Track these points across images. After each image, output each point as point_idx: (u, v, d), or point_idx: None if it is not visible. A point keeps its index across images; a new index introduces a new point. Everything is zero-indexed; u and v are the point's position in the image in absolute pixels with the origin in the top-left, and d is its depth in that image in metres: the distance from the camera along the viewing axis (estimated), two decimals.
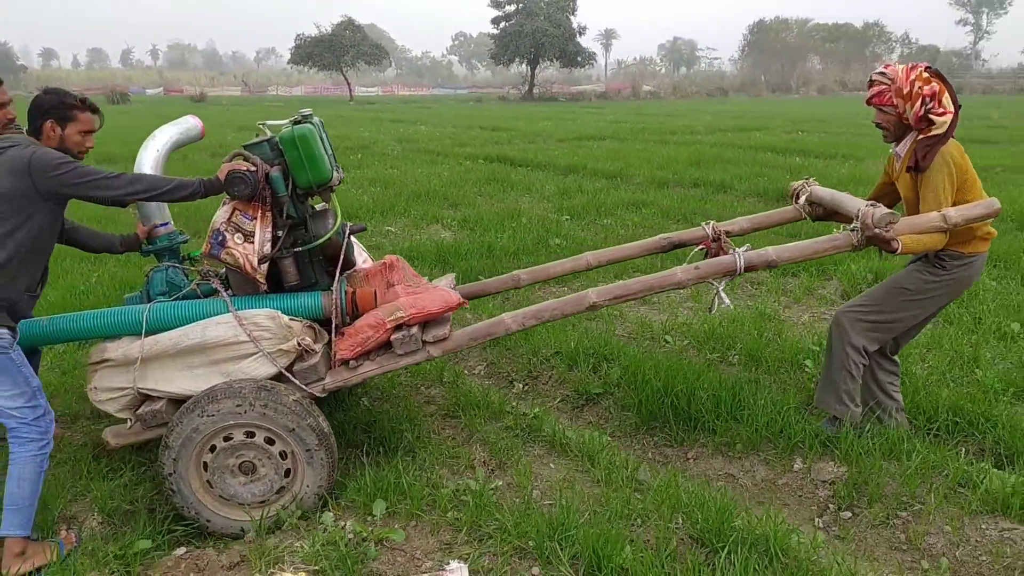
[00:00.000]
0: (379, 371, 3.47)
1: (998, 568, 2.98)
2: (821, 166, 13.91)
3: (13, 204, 2.97)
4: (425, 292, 3.67)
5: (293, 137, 3.41)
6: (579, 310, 3.54)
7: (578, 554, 2.99)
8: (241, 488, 3.30)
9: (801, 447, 3.80)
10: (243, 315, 3.36)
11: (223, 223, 3.41)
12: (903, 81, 3.52)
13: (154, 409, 3.31)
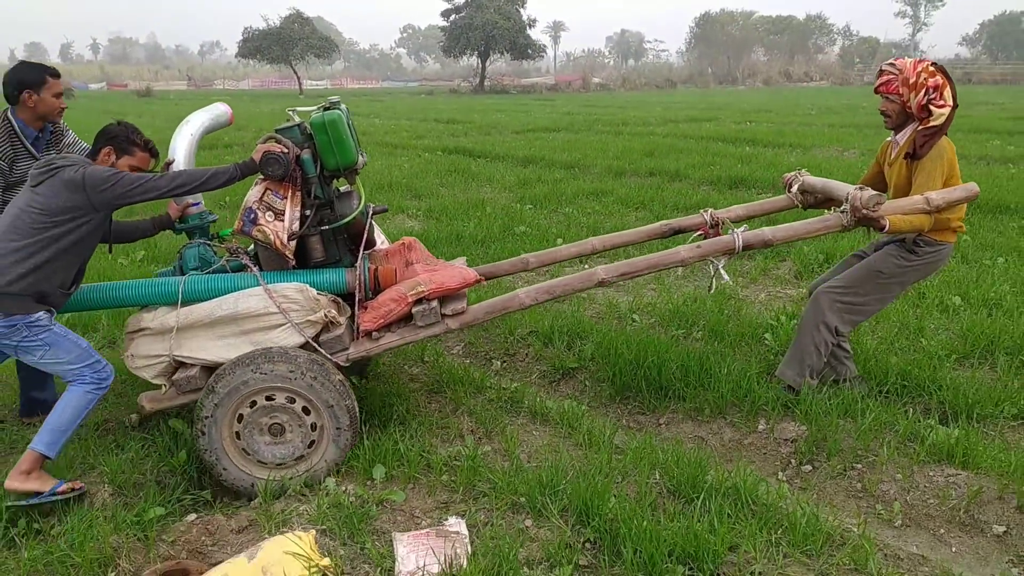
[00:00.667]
0: (400, 342, 3.70)
1: (944, 509, 3.32)
2: (770, 155, 14.37)
3: (66, 214, 3.30)
4: (443, 269, 3.92)
5: (323, 122, 3.66)
6: (589, 286, 3.82)
7: (567, 506, 3.25)
8: (265, 447, 3.52)
9: (765, 410, 4.11)
10: (273, 288, 3.58)
11: (255, 202, 3.64)
12: (910, 72, 3.84)
13: (189, 375, 3.53)
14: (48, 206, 3.27)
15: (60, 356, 3.38)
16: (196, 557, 3.13)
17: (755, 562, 2.91)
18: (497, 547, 2.95)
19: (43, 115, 3.87)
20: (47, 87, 3.79)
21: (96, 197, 3.31)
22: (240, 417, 3.48)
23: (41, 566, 3.01)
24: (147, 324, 3.59)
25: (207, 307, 3.56)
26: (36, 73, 3.78)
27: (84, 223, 3.35)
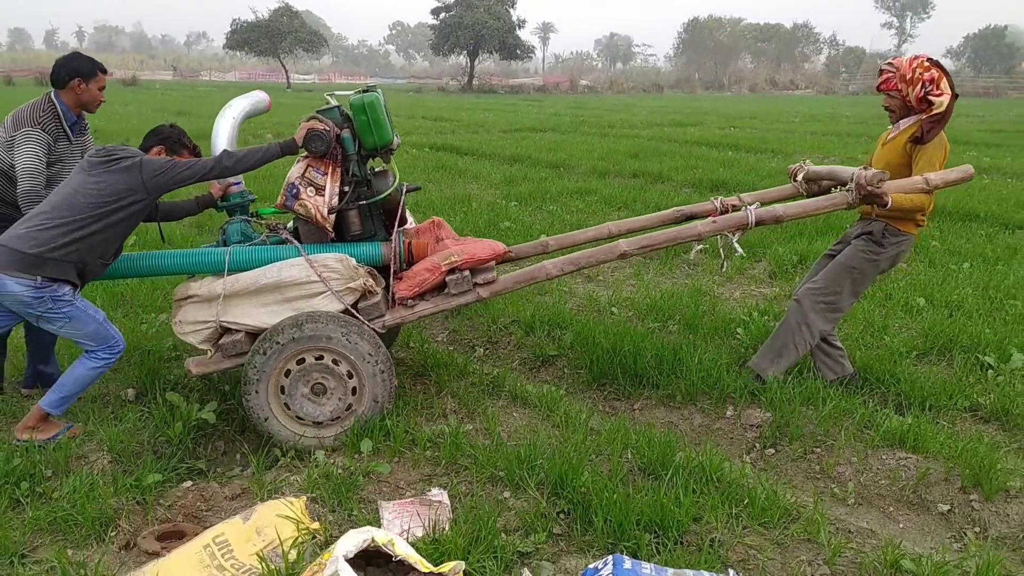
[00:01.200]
0: (433, 310, 3.99)
1: (894, 489, 3.56)
2: (752, 160, 14.65)
3: (120, 197, 3.63)
4: (473, 242, 4.19)
5: (363, 104, 3.93)
6: (611, 258, 4.10)
7: (543, 480, 3.46)
8: (302, 398, 3.81)
9: (733, 397, 4.34)
10: (314, 258, 3.83)
11: (297, 178, 3.90)
12: (906, 68, 4.16)
13: (234, 340, 3.78)
14: (103, 189, 3.57)
15: (78, 328, 3.70)
16: (191, 520, 3.33)
17: (716, 531, 3.14)
18: (477, 515, 3.15)
19: (85, 104, 4.20)
20: (95, 80, 4.16)
21: (151, 182, 3.66)
22: (287, 373, 3.75)
23: (46, 524, 3.20)
24: (195, 292, 3.84)
25: (252, 276, 3.82)
26: (89, 65, 4.15)
27: (134, 204, 3.67)
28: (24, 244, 3.52)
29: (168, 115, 24.18)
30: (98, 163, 3.66)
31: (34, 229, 3.55)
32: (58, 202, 3.61)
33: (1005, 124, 25.53)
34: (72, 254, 3.57)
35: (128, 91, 43.29)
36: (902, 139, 4.24)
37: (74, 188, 3.63)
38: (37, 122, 4.01)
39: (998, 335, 5.20)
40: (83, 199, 3.58)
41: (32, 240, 3.53)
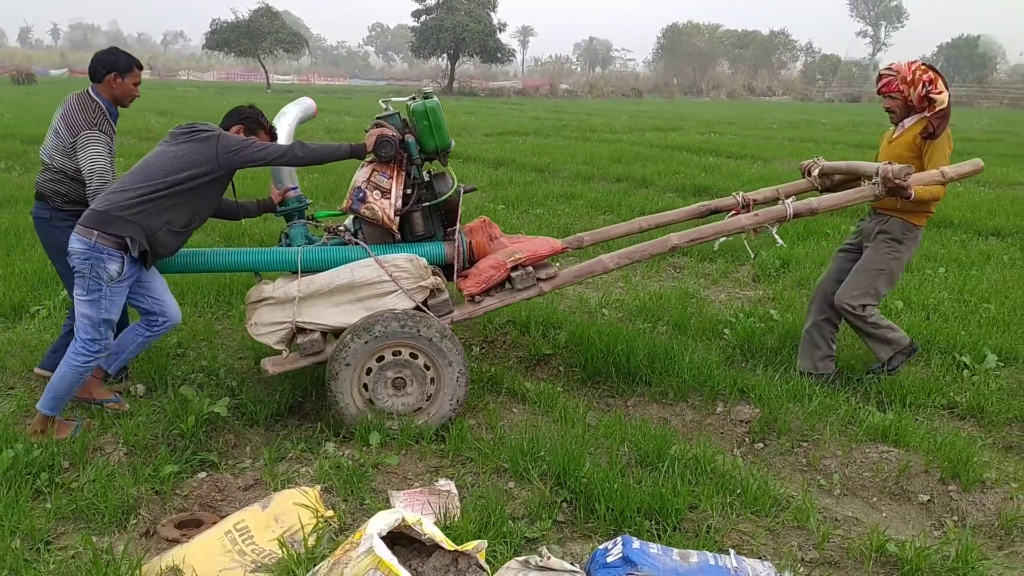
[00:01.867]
0: (498, 304, 4.20)
1: (877, 480, 3.76)
2: (732, 166, 14.91)
3: (192, 166, 3.76)
4: (529, 240, 4.42)
5: (425, 109, 4.12)
6: (664, 251, 4.35)
7: (546, 471, 3.63)
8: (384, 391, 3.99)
9: (723, 394, 4.53)
10: (384, 258, 4.00)
11: (363, 182, 4.08)
12: (906, 71, 4.51)
13: (311, 339, 3.95)
14: (179, 157, 3.74)
15: (88, 307, 3.73)
16: (207, 510, 3.46)
17: (711, 518, 3.32)
18: (485, 504, 3.32)
19: (119, 98, 4.34)
20: (131, 75, 4.31)
21: (224, 156, 3.80)
22: (369, 371, 3.93)
23: (68, 513, 3.32)
24: (270, 294, 4.00)
25: (326, 277, 3.98)
26: (125, 60, 4.29)
27: (205, 175, 3.79)
28: (98, 204, 3.72)
29: (149, 114, 24.12)
30: (179, 134, 3.86)
31: (111, 192, 3.75)
32: (137, 169, 3.80)
33: (976, 133, 26.05)
34: (138, 215, 3.68)
35: None
36: (911, 136, 4.54)
37: (152, 158, 3.82)
38: (93, 124, 4.16)
39: (973, 337, 5.43)
40: (157, 166, 3.76)
41: (106, 200, 3.71)
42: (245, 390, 4.42)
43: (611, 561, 2.57)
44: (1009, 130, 28.58)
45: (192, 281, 6.17)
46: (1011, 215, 9.91)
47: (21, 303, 5.70)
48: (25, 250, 7.02)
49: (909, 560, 3.05)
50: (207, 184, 3.84)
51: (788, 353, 5.13)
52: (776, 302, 6.39)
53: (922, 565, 3.03)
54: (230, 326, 5.58)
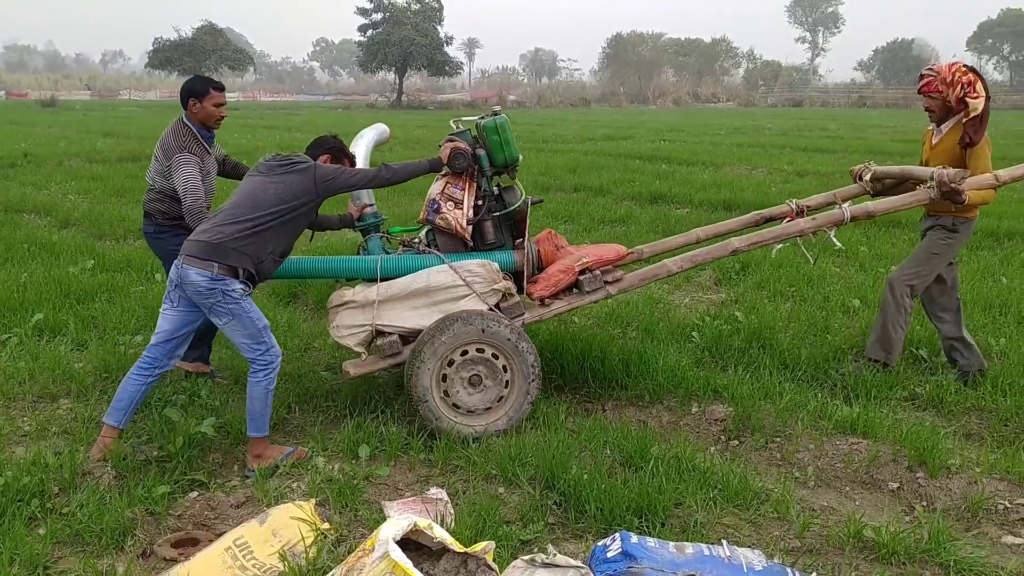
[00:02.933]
0: (567, 307, 4.44)
1: (849, 471, 3.94)
2: (685, 172, 15.20)
3: (295, 198, 3.93)
4: (595, 247, 4.72)
5: (495, 124, 4.38)
6: (725, 254, 4.57)
7: (534, 475, 3.74)
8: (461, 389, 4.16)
9: (697, 395, 4.69)
10: (458, 265, 4.20)
11: (438, 194, 4.28)
12: (947, 72, 4.67)
13: (391, 341, 4.15)
14: (281, 190, 3.92)
15: (238, 328, 3.87)
16: (202, 528, 3.50)
17: (696, 514, 3.45)
18: (478, 509, 3.41)
19: (203, 120, 4.60)
20: (208, 97, 4.55)
21: (322, 185, 3.98)
22: (450, 365, 4.10)
23: (65, 537, 3.34)
24: (351, 298, 4.18)
25: (403, 282, 4.17)
26: (201, 85, 4.56)
27: (304, 205, 3.98)
28: (209, 236, 3.82)
29: (95, 136, 23.80)
30: (276, 166, 4.00)
31: (219, 224, 3.85)
32: (240, 202, 3.91)
33: (916, 133, 26.79)
34: (249, 247, 3.81)
35: (47, 113, 42.19)
36: (950, 143, 4.75)
37: (253, 189, 3.95)
38: (184, 147, 4.46)
39: (928, 331, 5.67)
40: (263, 198, 3.89)
41: (217, 232, 3.81)
42: (229, 409, 4.45)
43: (611, 556, 2.69)
44: None
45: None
46: None
47: None
48: None
49: (885, 544, 3.22)
50: (305, 212, 4.02)
51: (756, 352, 5.31)
52: (739, 304, 6.59)
53: (897, 548, 3.20)
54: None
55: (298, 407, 4.57)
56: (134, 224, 9.57)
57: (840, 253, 8.13)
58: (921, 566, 3.16)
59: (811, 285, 6.93)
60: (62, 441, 4.17)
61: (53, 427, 4.33)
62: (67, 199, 11.73)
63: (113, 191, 12.50)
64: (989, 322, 5.97)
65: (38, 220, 10.23)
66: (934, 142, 4.91)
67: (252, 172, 4.12)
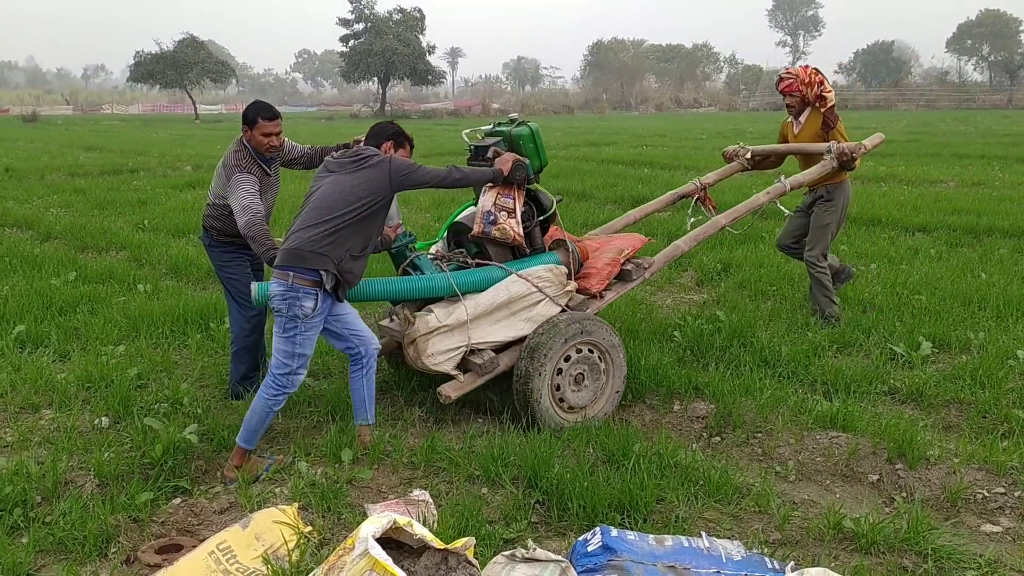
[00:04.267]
0: (615, 297, 4.77)
1: (829, 464, 3.97)
2: (668, 176, 15.30)
3: (371, 193, 3.88)
4: (616, 239, 5.09)
5: (531, 132, 4.50)
6: (716, 231, 5.22)
7: (517, 475, 3.76)
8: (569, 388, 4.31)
9: (679, 393, 4.72)
10: (527, 273, 4.26)
11: (492, 205, 4.32)
12: (804, 75, 5.84)
13: (490, 357, 4.22)
14: (357, 187, 3.88)
15: (285, 342, 3.86)
16: (185, 534, 3.50)
17: (678, 508, 3.48)
18: (461, 510, 3.42)
19: (255, 147, 4.54)
20: (258, 127, 4.47)
21: (396, 179, 3.93)
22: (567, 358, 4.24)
23: (48, 545, 3.33)
24: (443, 322, 4.16)
25: (488, 298, 4.21)
26: (252, 114, 4.50)
27: (379, 201, 3.93)
28: (289, 243, 3.84)
29: (77, 150, 23.70)
30: (348, 163, 3.97)
31: (295, 231, 3.86)
32: (315, 206, 3.89)
33: (896, 134, 27.07)
34: (327, 247, 3.79)
35: (29, 128, 41.92)
36: (813, 128, 5.90)
37: (327, 191, 3.92)
38: (242, 168, 4.44)
39: (907, 326, 5.73)
40: (339, 198, 3.86)
41: (295, 239, 3.82)
42: (211, 417, 4.45)
43: (592, 550, 2.70)
44: (927, 131, 29.80)
45: (146, 314, 6.16)
46: (935, 211, 10.39)
47: None
48: None
49: (864, 534, 3.25)
50: (382, 207, 3.97)
51: (737, 350, 5.35)
52: (721, 304, 6.63)
53: (876, 538, 3.23)
54: (188, 356, 5.59)
55: (281, 413, 4.56)
56: (116, 236, 9.57)
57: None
58: (900, 555, 3.19)
59: (792, 284, 6.99)
60: (44, 451, 4.15)
61: (35, 437, 4.31)
62: (49, 212, 11.68)
63: (95, 204, 12.46)
64: (968, 316, 6.04)
65: (20, 234, 10.18)
66: (797, 131, 6.03)
67: (322, 172, 4.08)
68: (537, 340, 4.17)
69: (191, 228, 10.15)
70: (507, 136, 4.59)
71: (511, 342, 4.32)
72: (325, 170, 4.06)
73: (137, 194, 13.43)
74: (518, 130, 4.54)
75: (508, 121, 4.70)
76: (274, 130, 4.50)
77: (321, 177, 4.05)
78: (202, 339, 5.81)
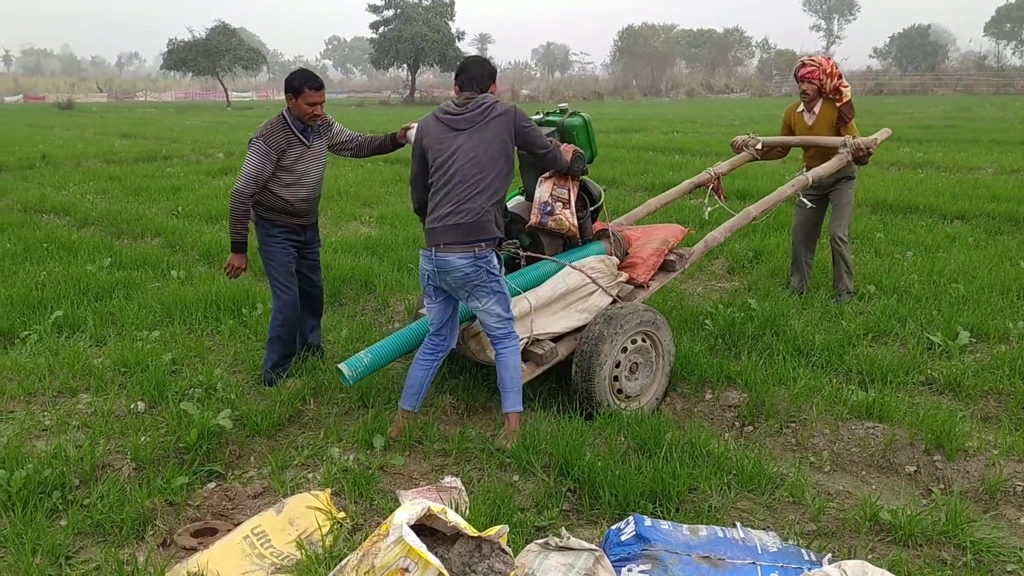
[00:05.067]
0: (658, 287, 4.84)
1: (865, 455, 3.92)
2: (699, 163, 15.12)
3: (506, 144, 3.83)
4: (657, 229, 5.15)
5: (584, 123, 4.50)
6: (748, 222, 5.35)
7: (548, 463, 3.75)
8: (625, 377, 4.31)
9: (711, 382, 4.68)
10: (580, 264, 4.31)
11: (548, 196, 4.32)
12: (826, 64, 5.89)
13: (551, 348, 4.27)
14: (494, 142, 3.79)
15: (496, 305, 3.86)
16: (220, 518, 3.53)
17: (711, 498, 3.45)
18: (492, 497, 3.42)
19: (298, 116, 4.58)
20: (303, 96, 4.49)
21: (520, 131, 3.86)
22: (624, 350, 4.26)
23: (86, 527, 3.38)
24: None
25: (548, 290, 4.29)
26: (297, 82, 4.51)
27: (511, 152, 3.88)
28: (461, 218, 3.74)
29: (112, 137, 23.99)
30: (474, 117, 3.82)
31: (462, 203, 3.74)
32: (469, 175, 3.75)
33: (934, 120, 26.65)
34: (493, 209, 3.79)
35: (65, 115, 42.54)
36: (827, 120, 5.99)
37: (472, 154, 3.77)
38: (261, 136, 4.52)
39: (944, 315, 5.64)
40: (485, 160, 3.77)
41: (465, 212, 3.73)
42: (244, 402, 4.48)
43: (625, 539, 2.69)
44: (964, 115, 29.25)
45: (179, 300, 6.22)
46: (973, 199, 10.20)
47: (10, 329, 5.71)
48: (7, 277, 7.02)
49: (901, 526, 3.21)
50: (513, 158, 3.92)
51: (769, 339, 5.30)
52: (752, 292, 6.57)
53: (914, 531, 3.19)
54: (221, 342, 5.63)
55: (313, 399, 4.59)
56: (151, 223, 9.67)
57: (855, 240, 8.13)
58: (938, 548, 3.14)
59: (825, 272, 6.89)
60: (82, 434, 4.20)
61: (73, 421, 4.37)
62: (85, 199, 11.83)
63: (130, 191, 12.60)
64: (1007, 306, 5.92)
65: (57, 220, 10.32)
66: (810, 122, 6.08)
67: (445, 133, 3.85)
68: (600, 330, 4.16)
69: (223, 215, 10.23)
70: (559, 126, 4.57)
71: (566, 332, 4.34)
72: (450, 129, 3.85)
73: (171, 181, 13.56)
74: (571, 120, 4.53)
75: (559, 111, 4.67)
76: (318, 99, 4.53)
77: (448, 138, 3.84)
78: (235, 325, 5.86)
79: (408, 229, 9.08)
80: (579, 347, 4.23)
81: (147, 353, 5.20)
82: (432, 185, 3.92)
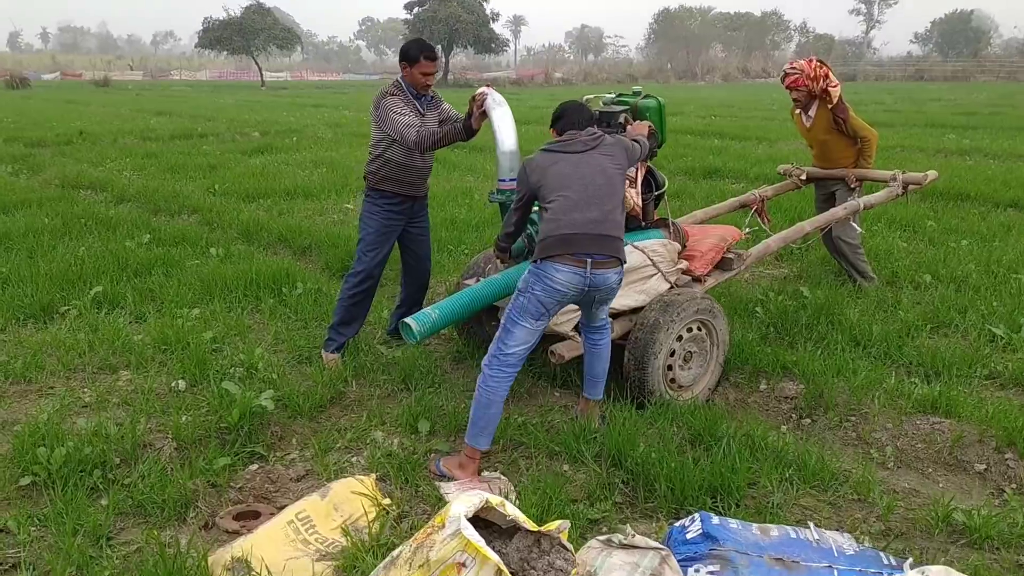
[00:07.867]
0: (714, 283, 4.74)
1: (931, 452, 3.75)
2: (738, 148, 14.87)
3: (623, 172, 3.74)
4: (713, 228, 5.08)
5: (659, 105, 4.44)
6: (799, 236, 5.44)
7: (600, 453, 3.62)
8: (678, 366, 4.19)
9: (765, 372, 4.52)
10: (643, 245, 4.19)
11: None
12: (809, 69, 5.78)
13: None
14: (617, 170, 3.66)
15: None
16: (262, 501, 3.45)
17: (773, 494, 3.30)
18: (543, 487, 3.29)
19: (412, 84, 4.56)
20: (418, 65, 4.48)
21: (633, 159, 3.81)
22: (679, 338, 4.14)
23: (127, 508, 3.30)
24: None
25: None
26: (415, 51, 4.51)
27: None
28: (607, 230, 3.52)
29: (148, 115, 24.07)
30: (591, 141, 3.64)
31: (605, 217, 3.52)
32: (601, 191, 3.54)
33: (978, 107, 25.99)
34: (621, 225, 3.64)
35: (101, 92, 42.83)
36: (825, 122, 5.96)
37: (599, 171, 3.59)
38: (392, 93, 4.53)
39: (1006, 307, 5.42)
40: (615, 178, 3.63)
41: (611, 226, 3.53)
42: (286, 383, 4.39)
43: (691, 538, 2.55)
44: (1009, 103, 28.50)
45: (219, 277, 6.15)
46: None
47: (50, 304, 5.66)
48: (46, 252, 6.99)
49: (977, 528, 3.04)
50: None
51: (824, 328, 5.12)
52: (804, 279, 6.37)
53: (990, 533, 3.02)
54: (261, 320, 5.56)
55: (355, 381, 4.49)
56: (188, 200, 9.62)
57: (906, 227, 7.90)
58: (1017, 552, 2.98)
59: (878, 260, 6.67)
60: (123, 412, 4.14)
61: (113, 398, 4.31)
62: (122, 175, 11.82)
63: (167, 168, 12.58)
64: None
65: (94, 196, 10.31)
66: (808, 125, 6.08)
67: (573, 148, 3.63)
68: (656, 317, 4.03)
69: (260, 193, 10.18)
70: (633, 107, 4.46)
71: (622, 312, 4.21)
72: (581, 145, 3.63)
73: (207, 159, 13.53)
74: (645, 102, 4.47)
75: (632, 93, 4.59)
76: (431, 70, 4.53)
77: (575, 153, 3.62)
78: (275, 304, 5.78)
79: (446, 210, 8.93)
80: (633, 334, 4.08)
81: (187, 331, 5.12)
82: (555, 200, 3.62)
